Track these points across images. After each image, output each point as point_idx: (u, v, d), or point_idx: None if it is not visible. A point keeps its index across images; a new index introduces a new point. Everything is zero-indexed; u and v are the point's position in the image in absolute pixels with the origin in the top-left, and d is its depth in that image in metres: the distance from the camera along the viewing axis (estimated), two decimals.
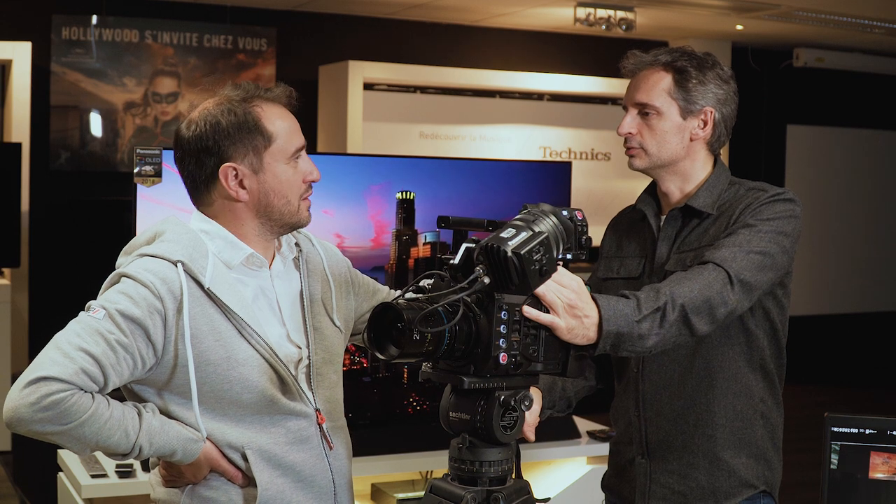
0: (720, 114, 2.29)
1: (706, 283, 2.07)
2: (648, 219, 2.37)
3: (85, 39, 6.85)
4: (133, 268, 1.91)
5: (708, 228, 2.27)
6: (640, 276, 2.35)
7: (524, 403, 1.86)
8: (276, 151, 1.98)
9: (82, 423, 1.80)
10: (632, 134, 2.30)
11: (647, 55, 2.32)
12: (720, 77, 2.29)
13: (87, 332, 1.83)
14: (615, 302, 1.97)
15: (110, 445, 1.86)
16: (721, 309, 2.08)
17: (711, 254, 2.15)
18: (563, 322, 1.88)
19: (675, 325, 2.02)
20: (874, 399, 8.43)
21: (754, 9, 7.16)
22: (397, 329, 1.75)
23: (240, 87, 2.02)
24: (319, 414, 2.02)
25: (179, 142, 2.01)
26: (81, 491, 3.03)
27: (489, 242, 1.77)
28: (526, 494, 1.90)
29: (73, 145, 6.89)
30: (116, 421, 1.85)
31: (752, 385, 2.28)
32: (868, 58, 8.93)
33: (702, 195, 2.29)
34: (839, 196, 9.42)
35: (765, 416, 2.31)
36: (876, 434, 2.06)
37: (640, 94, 2.29)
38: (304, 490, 1.99)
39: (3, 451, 5.95)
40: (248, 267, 2.00)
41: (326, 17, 7.56)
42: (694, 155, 2.31)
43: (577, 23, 7.20)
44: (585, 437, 3.70)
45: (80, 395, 1.80)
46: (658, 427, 2.31)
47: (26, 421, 1.78)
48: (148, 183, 3.01)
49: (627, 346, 1.99)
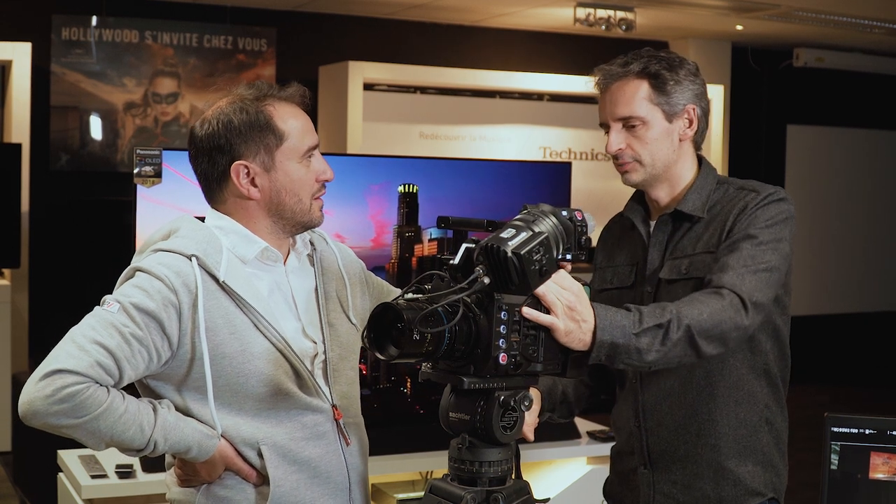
0: (700, 109, 2.27)
1: (719, 309, 2.03)
2: (637, 226, 2.34)
3: (85, 40, 6.85)
4: (148, 262, 1.93)
5: (700, 233, 2.24)
6: (633, 285, 2.32)
7: (524, 404, 1.86)
8: (288, 150, 1.99)
9: (97, 416, 1.81)
10: (622, 150, 2.25)
11: (614, 67, 2.26)
12: (691, 72, 2.26)
13: (102, 325, 1.85)
14: (613, 313, 1.95)
15: (125, 440, 1.86)
16: (734, 333, 2.06)
17: (720, 278, 2.11)
18: (562, 324, 1.87)
19: (680, 345, 1.99)
20: (874, 399, 8.42)
21: (754, 9, 7.16)
22: (397, 329, 1.75)
23: (253, 86, 2.03)
24: (336, 409, 2.03)
25: (193, 140, 2.03)
26: (81, 491, 3.03)
27: (489, 242, 1.77)
28: (526, 495, 1.90)
29: (73, 146, 6.89)
30: (132, 415, 1.85)
31: (756, 391, 2.26)
32: (868, 58, 8.93)
33: (691, 198, 2.26)
34: (839, 196, 9.42)
35: (770, 423, 2.28)
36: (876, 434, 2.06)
37: (620, 107, 2.24)
38: (319, 486, 2.00)
39: (3, 451, 5.95)
40: (262, 261, 2.02)
41: (326, 18, 7.56)
42: (683, 156, 2.28)
43: (577, 23, 7.20)
44: (585, 437, 3.70)
45: (95, 387, 1.81)
46: (660, 437, 2.28)
47: (41, 414, 1.79)
48: (148, 183, 3.01)
49: (624, 358, 1.96)
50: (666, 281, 2.23)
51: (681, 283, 2.20)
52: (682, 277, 2.20)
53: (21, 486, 5.09)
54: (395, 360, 1.77)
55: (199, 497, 1.97)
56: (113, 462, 3.12)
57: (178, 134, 7.08)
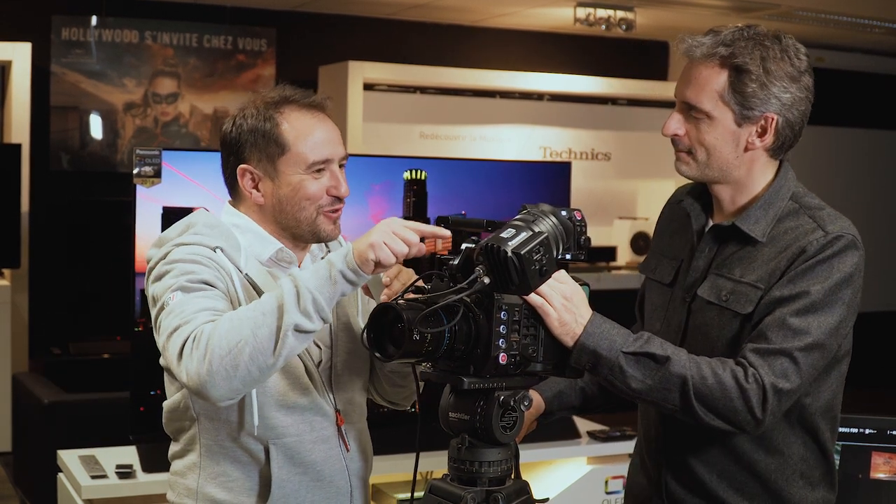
0: (784, 119, 1.97)
1: (727, 388, 1.86)
2: (692, 222, 2.10)
3: (85, 40, 6.85)
4: (177, 254, 1.91)
5: (753, 257, 1.99)
6: (672, 285, 2.13)
7: (524, 404, 1.86)
8: (291, 161, 1.96)
9: (230, 329, 1.73)
10: (679, 136, 2.01)
11: (706, 38, 1.97)
12: (788, 76, 1.95)
13: (182, 305, 1.81)
14: (609, 325, 1.91)
15: (269, 299, 1.77)
16: (738, 417, 1.88)
17: (745, 351, 1.90)
18: (555, 312, 1.86)
19: (673, 393, 1.88)
20: (874, 399, 8.42)
21: (754, 9, 7.16)
22: (397, 329, 1.75)
23: (279, 89, 2.01)
24: (339, 415, 2.03)
25: (220, 136, 2.05)
26: (81, 492, 3.03)
27: (489, 242, 1.77)
28: (525, 495, 1.90)
29: (73, 146, 6.89)
30: (256, 304, 1.78)
31: (791, 442, 2.03)
32: (868, 58, 8.93)
33: (754, 215, 2.00)
34: (839, 196, 9.40)
35: (804, 476, 2.04)
36: (876, 434, 2.06)
37: (690, 92, 1.98)
38: (321, 489, 2.00)
39: (4, 451, 5.95)
40: (277, 262, 2.02)
41: (326, 18, 7.55)
42: (750, 164, 2.01)
43: (577, 23, 7.20)
44: (585, 437, 3.70)
45: (205, 325, 1.77)
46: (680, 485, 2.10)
47: (207, 375, 1.72)
48: (147, 183, 3.01)
49: (606, 372, 1.89)
50: (703, 300, 2.03)
51: (717, 310, 2.01)
52: (720, 303, 2.00)
53: (21, 487, 5.08)
54: (394, 360, 1.77)
55: (199, 502, 1.97)
56: (113, 462, 3.12)
57: (177, 134, 7.07)
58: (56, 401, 4.45)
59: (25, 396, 4.84)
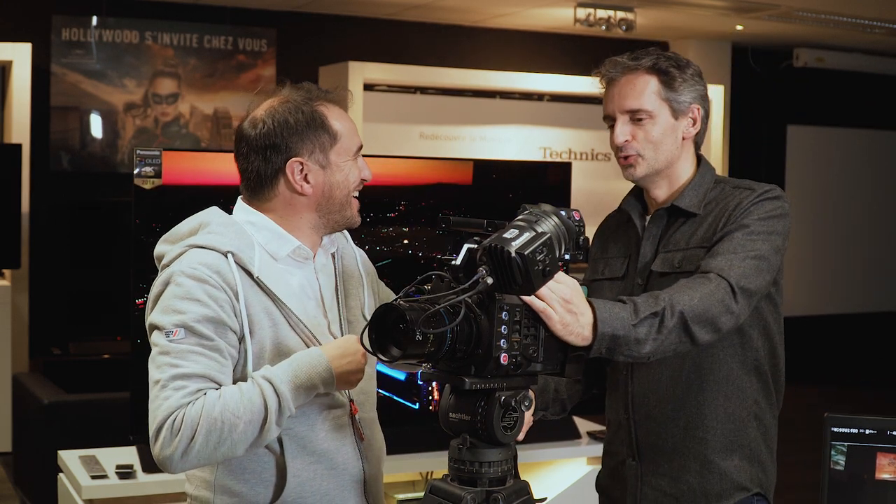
0: (703, 110, 2.30)
1: (708, 293, 2.05)
2: (633, 219, 2.35)
3: (85, 40, 6.85)
4: (186, 264, 1.94)
5: (695, 229, 2.25)
6: (625, 277, 2.33)
7: (524, 404, 1.86)
8: (341, 149, 2.06)
9: (221, 409, 1.85)
10: (628, 142, 2.26)
11: (624, 59, 2.29)
12: (696, 73, 2.30)
13: (180, 356, 1.88)
14: (611, 305, 1.97)
15: (255, 411, 1.88)
16: (724, 318, 2.07)
17: (708, 263, 2.13)
18: (557, 315, 1.88)
19: (675, 332, 2.01)
20: (874, 399, 8.43)
21: (754, 9, 7.16)
22: (399, 330, 1.75)
23: (302, 87, 2.08)
24: (353, 404, 2.06)
25: (245, 139, 2.05)
26: (82, 492, 3.03)
27: (492, 243, 1.77)
28: (525, 495, 1.90)
29: (73, 146, 6.89)
30: (244, 386, 1.89)
31: (746, 386, 2.27)
32: (868, 58, 8.93)
33: (688, 195, 2.28)
34: (839, 196, 9.42)
35: (758, 418, 2.29)
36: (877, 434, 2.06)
37: (630, 100, 2.26)
38: (335, 478, 2.03)
39: (4, 451, 5.95)
40: (294, 259, 2.06)
41: (326, 18, 7.56)
42: (684, 155, 2.30)
43: (577, 23, 7.21)
44: (585, 437, 3.70)
45: (189, 406, 1.85)
46: (648, 430, 2.29)
47: (178, 460, 1.86)
48: (148, 184, 3.01)
49: (624, 350, 1.98)
50: (658, 273, 2.25)
51: (672, 277, 2.21)
52: (673, 270, 2.22)
53: (21, 487, 5.08)
54: (397, 360, 1.76)
55: (216, 494, 1.99)
56: (113, 462, 3.13)
57: (177, 134, 7.08)
58: (56, 401, 4.45)
59: (25, 396, 4.85)
